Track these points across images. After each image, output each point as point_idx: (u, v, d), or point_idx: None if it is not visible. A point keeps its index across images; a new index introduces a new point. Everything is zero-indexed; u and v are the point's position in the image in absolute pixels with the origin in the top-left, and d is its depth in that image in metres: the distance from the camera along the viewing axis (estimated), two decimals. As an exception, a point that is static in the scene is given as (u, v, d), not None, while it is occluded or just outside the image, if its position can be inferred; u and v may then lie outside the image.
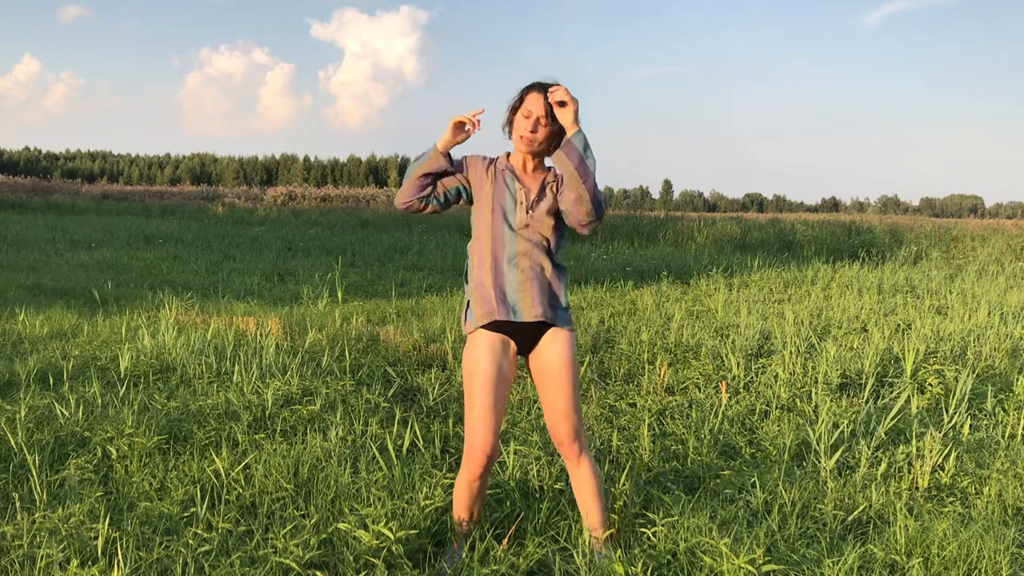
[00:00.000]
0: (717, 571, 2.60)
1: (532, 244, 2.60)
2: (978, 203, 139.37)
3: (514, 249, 2.61)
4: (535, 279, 2.60)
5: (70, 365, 4.98)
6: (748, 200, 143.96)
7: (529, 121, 2.54)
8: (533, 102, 2.54)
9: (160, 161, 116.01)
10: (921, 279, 11.32)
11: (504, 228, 2.61)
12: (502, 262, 2.61)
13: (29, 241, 14.54)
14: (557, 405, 2.62)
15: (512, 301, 2.60)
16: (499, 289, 2.61)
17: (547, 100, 2.51)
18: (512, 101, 2.60)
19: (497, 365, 2.58)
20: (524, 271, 2.60)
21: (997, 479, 3.61)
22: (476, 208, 2.68)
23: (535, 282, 2.60)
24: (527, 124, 2.54)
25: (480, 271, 2.66)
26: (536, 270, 2.61)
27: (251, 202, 34.25)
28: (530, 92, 2.56)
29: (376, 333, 6.19)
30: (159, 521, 2.92)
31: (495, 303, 2.60)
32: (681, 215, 25.94)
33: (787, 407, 4.75)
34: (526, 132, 2.54)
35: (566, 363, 2.61)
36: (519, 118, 2.56)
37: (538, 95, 2.53)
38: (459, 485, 2.69)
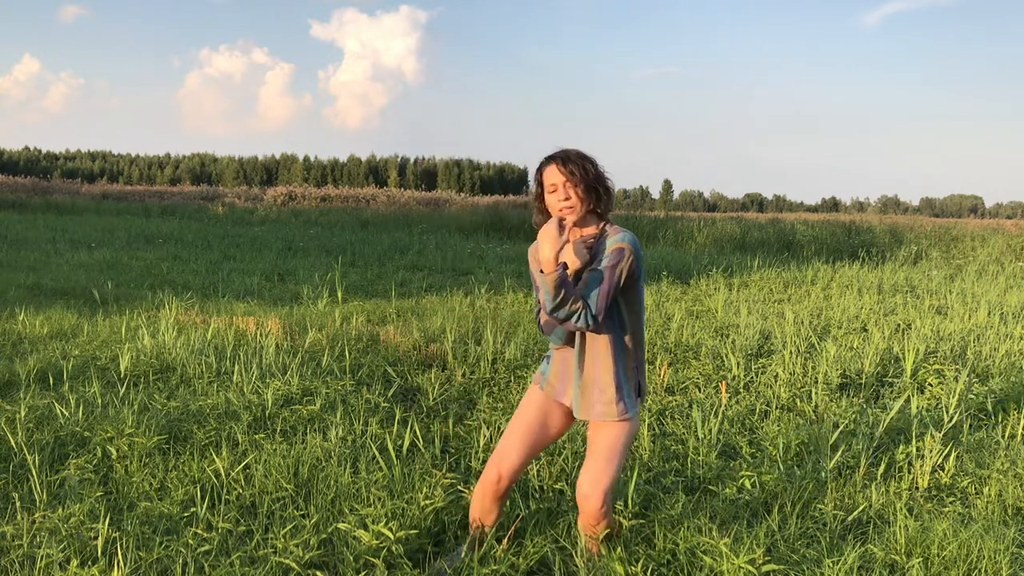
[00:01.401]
0: (717, 571, 2.60)
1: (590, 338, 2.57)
2: (978, 203, 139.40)
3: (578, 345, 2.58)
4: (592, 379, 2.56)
5: (70, 365, 4.98)
6: (748, 200, 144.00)
7: (558, 192, 2.49)
8: (550, 175, 2.50)
9: (160, 161, 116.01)
10: (921, 279, 11.32)
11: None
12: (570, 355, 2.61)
13: (29, 241, 14.54)
14: (587, 479, 2.55)
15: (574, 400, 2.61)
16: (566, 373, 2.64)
17: (558, 166, 2.48)
18: (534, 190, 2.59)
19: (546, 410, 2.67)
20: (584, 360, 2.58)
21: (997, 479, 3.61)
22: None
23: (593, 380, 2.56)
24: (558, 196, 2.49)
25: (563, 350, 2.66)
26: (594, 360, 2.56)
27: (251, 202, 34.26)
28: (543, 169, 2.53)
29: (376, 333, 6.19)
30: (159, 521, 2.92)
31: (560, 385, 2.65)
32: (681, 215, 25.96)
33: (787, 407, 4.75)
34: (563, 203, 2.49)
35: (614, 449, 2.55)
36: (549, 197, 2.52)
37: (550, 167, 2.50)
38: (475, 497, 2.74)
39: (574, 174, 2.47)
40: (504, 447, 2.65)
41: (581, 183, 2.48)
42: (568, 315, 2.42)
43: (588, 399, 2.57)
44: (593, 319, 2.42)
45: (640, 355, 2.62)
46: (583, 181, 2.48)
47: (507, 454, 2.63)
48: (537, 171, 2.58)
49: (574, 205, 2.48)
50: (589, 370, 2.57)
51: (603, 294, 2.43)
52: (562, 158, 2.50)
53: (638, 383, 2.62)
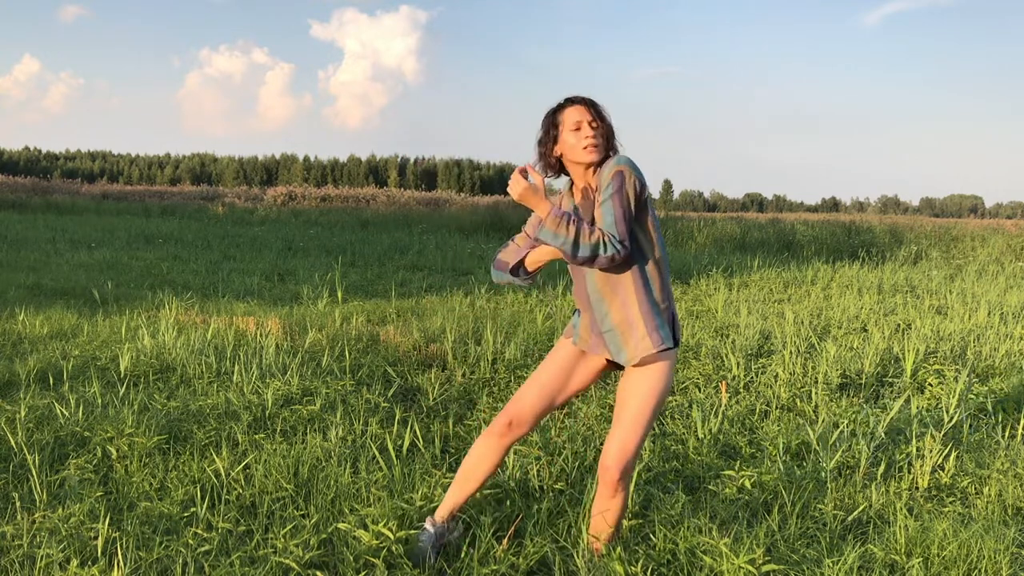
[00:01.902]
0: (717, 571, 2.60)
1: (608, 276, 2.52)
2: (978, 203, 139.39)
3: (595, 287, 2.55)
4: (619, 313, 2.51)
5: (70, 365, 4.98)
6: (748, 200, 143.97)
7: (583, 130, 2.48)
8: (574, 114, 2.50)
9: (160, 161, 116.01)
10: (921, 279, 11.32)
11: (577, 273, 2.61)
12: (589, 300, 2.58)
13: (29, 241, 14.54)
14: (618, 436, 2.49)
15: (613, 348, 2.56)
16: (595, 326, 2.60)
17: (587, 106, 2.50)
18: (543, 134, 2.55)
19: (571, 362, 2.65)
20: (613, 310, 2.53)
21: (997, 479, 3.61)
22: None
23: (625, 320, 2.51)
24: (583, 133, 2.48)
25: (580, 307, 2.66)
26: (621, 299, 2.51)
27: (251, 202, 34.25)
28: (563, 110, 2.53)
29: (376, 333, 6.19)
30: (159, 521, 2.92)
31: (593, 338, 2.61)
32: (681, 215, 25.99)
33: (787, 407, 4.75)
34: (589, 140, 2.47)
35: (647, 396, 2.48)
36: (569, 135, 2.50)
37: (574, 107, 2.51)
38: (472, 448, 2.73)
39: (601, 116, 2.51)
40: (520, 396, 2.63)
41: (601, 126, 2.51)
42: (593, 249, 2.36)
43: (629, 342, 2.50)
44: (620, 244, 2.36)
45: (667, 281, 2.54)
46: (603, 124, 2.52)
47: (522, 402, 2.62)
48: (553, 113, 2.55)
49: (599, 143, 2.49)
50: (618, 312, 2.50)
51: (619, 219, 2.38)
52: (589, 100, 2.53)
53: (672, 315, 2.55)
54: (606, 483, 2.52)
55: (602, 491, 2.57)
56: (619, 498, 2.57)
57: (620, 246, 2.36)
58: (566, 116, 2.51)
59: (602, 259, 2.38)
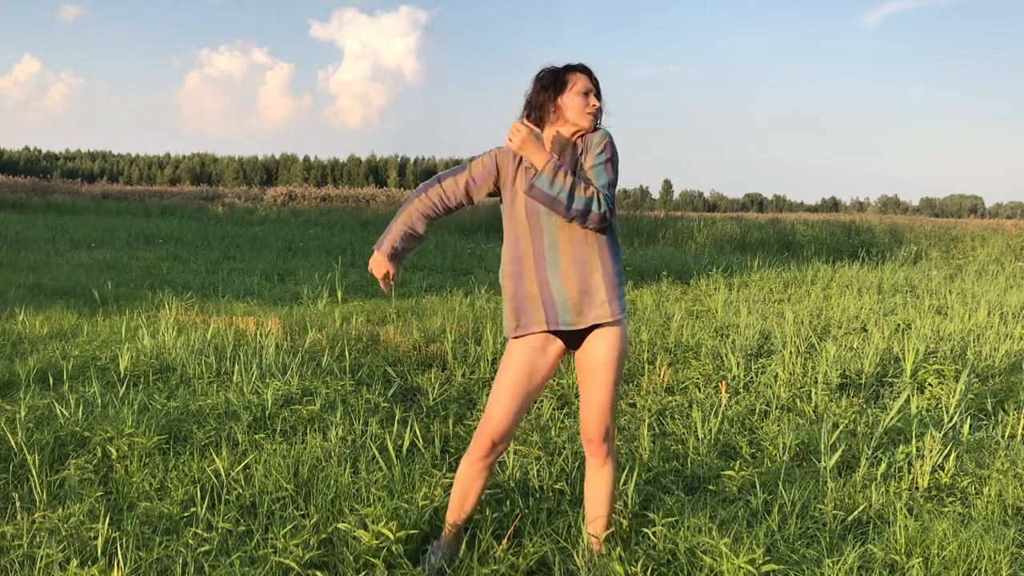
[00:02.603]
0: (717, 571, 2.60)
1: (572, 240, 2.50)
2: (978, 203, 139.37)
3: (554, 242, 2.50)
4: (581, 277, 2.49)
5: (70, 365, 4.98)
6: (748, 200, 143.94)
7: (588, 98, 2.52)
8: (584, 81, 2.53)
9: (160, 161, 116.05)
10: (921, 279, 11.32)
11: (541, 223, 2.51)
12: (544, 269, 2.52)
13: (29, 241, 14.54)
14: (594, 402, 2.57)
15: (562, 312, 2.51)
16: (547, 299, 2.52)
17: (593, 79, 2.55)
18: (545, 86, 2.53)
19: (530, 360, 2.57)
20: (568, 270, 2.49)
21: (997, 479, 3.61)
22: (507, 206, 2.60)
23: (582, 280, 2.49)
24: (591, 101, 2.52)
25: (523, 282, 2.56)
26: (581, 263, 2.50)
27: (251, 202, 34.26)
28: (572, 71, 2.54)
29: (376, 333, 6.19)
30: (159, 521, 2.92)
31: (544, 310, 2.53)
32: (681, 215, 25.95)
33: (787, 407, 4.75)
34: (594, 108, 2.52)
35: (611, 360, 2.53)
36: (575, 97, 2.51)
37: (583, 75, 2.54)
38: (459, 472, 2.67)
39: (599, 94, 2.56)
40: (495, 412, 2.55)
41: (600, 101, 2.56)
42: (587, 203, 2.39)
43: (588, 308, 2.50)
44: (610, 210, 2.41)
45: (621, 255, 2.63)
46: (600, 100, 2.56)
47: (498, 417, 2.55)
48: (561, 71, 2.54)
49: (590, 120, 2.53)
50: (575, 279, 2.49)
51: (612, 183, 2.47)
52: (595, 77, 2.57)
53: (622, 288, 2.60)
54: (593, 452, 2.63)
55: (592, 463, 2.66)
56: (609, 466, 2.66)
57: (611, 207, 2.43)
58: (576, 78, 2.54)
59: (594, 215, 2.40)
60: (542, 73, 2.57)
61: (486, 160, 2.60)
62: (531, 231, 2.53)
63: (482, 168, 2.60)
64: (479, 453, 2.60)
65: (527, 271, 2.54)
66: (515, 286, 2.57)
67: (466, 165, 2.63)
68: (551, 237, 2.50)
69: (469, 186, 2.61)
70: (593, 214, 2.40)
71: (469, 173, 2.61)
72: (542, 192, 2.42)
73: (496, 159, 2.59)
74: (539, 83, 2.56)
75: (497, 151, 2.60)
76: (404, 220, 2.65)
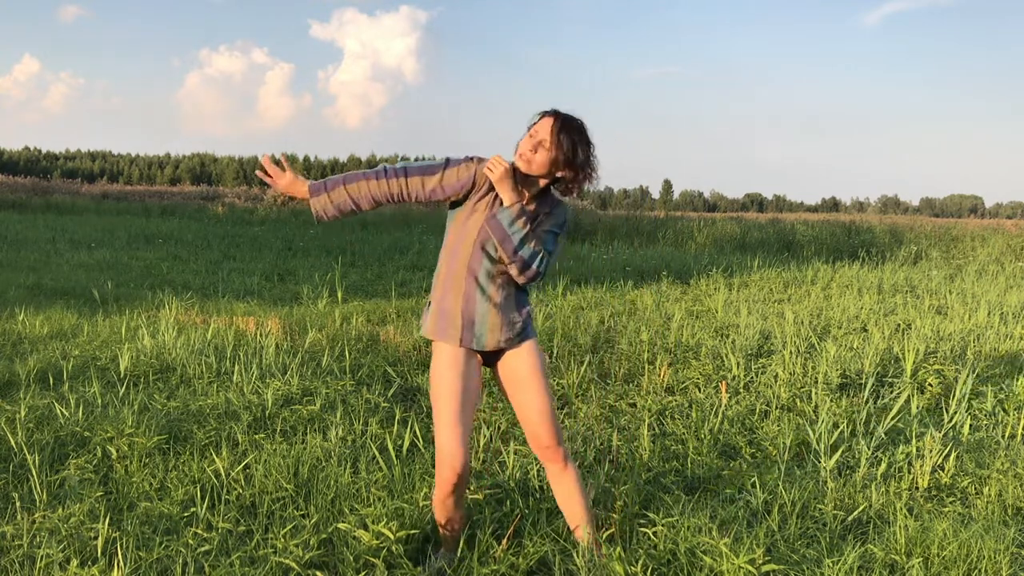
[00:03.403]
0: (717, 571, 2.60)
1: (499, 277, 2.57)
2: (978, 203, 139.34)
3: (489, 276, 2.55)
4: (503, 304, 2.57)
5: (70, 365, 4.98)
6: (748, 200, 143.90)
7: (532, 141, 2.48)
8: (543, 125, 2.48)
9: (160, 161, 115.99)
10: (921, 279, 11.32)
11: (482, 254, 2.53)
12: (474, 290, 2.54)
13: (29, 241, 14.53)
14: (534, 408, 2.61)
15: (479, 331, 2.56)
16: (467, 316, 2.55)
17: (553, 125, 2.46)
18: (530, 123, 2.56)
19: (463, 378, 2.54)
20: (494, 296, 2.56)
21: (997, 479, 3.61)
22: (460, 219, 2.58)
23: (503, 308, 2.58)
24: (528, 143, 2.48)
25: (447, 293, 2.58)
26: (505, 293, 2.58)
27: (251, 202, 34.21)
28: (545, 116, 2.51)
29: (376, 333, 6.19)
30: (159, 521, 2.92)
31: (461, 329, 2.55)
32: (681, 215, 25.96)
33: (787, 407, 4.75)
34: (525, 150, 2.48)
35: (537, 367, 2.62)
36: (525, 136, 2.51)
37: (550, 120, 2.48)
38: (435, 503, 2.65)
39: (560, 145, 2.46)
40: (448, 442, 2.49)
41: (559, 155, 2.47)
42: (532, 255, 2.49)
43: (497, 332, 2.57)
44: (544, 273, 2.54)
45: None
46: (561, 156, 2.47)
47: (450, 446, 2.49)
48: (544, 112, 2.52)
49: (531, 163, 2.48)
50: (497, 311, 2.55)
51: (555, 254, 2.59)
52: (564, 122, 2.46)
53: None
54: (550, 458, 2.64)
55: (552, 470, 2.67)
56: (570, 468, 2.67)
57: (544, 273, 2.54)
58: (540, 121, 2.51)
59: (532, 270, 2.51)
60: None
61: (463, 172, 2.52)
62: (472, 254, 2.54)
63: (456, 179, 2.52)
64: (447, 489, 2.54)
65: (456, 287, 2.56)
66: (442, 296, 2.59)
67: (438, 167, 2.54)
68: (488, 268, 2.54)
69: (435, 192, 2.54)
70: (532, 268, 2.50)
71: (440, 180, 2.52)
72: (500, 226, 2.46)
73: (476, 174, 2.53)
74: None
75: (478, 165, 2.53)
76: (354, 192, 2.56)
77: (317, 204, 2.55)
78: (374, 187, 2.56)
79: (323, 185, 2.57)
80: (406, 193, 2.55)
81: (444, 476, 2.51)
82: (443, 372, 2.55)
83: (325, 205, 2.56)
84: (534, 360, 2.63)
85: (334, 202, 2.56)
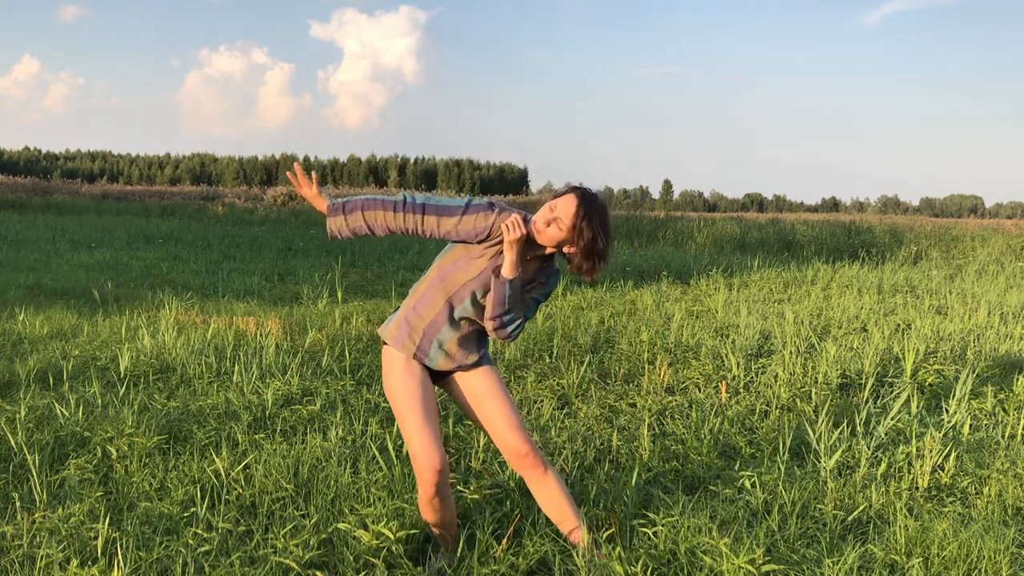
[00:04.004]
0: (717, 571, 2.60)
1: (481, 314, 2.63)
2: (978, 203, 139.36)
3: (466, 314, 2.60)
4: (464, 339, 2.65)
5: (70, 365, 4.98)
6: (748, 200, 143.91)
7: (550, 215, 2.49)
8: (566, 205, 2.47)
9: (160, 161, 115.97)
10: (921, 279, 11.32)
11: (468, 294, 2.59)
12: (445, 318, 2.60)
13: (29, 241, 14.54)
14: (500, 419, 2.64)
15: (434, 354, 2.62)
16: (428, 337, 2.61)
17: (578, 213, 2.45)
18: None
19: (420, 382, 2.62)
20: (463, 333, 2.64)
21: (997, 479, 3.61)
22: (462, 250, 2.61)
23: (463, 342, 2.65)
24: (546, 215, 2.50)
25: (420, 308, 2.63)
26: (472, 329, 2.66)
27: (251, 202, 34.21)
28: (570, 194, 2.50)
29: (376, 333, 6.18)
30: (159, 521, 2.92)
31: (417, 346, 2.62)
32: (681, 215, 25.95)
33: (787, 407, 4.75)
34: (540, 222, 2.50)
35: (495, 380, 2.69)
36: (546, 208, 2.51)
37: (574, 201, 2.47)
38: (421, 506, 2.65)
39: (581, 234, 2.47)
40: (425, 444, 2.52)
41: (577, 243, 2.49)
42: (512, 320, 2.57)
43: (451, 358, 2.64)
44: (514, 338, 2.63)
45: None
46: (582, 244, 2.49)
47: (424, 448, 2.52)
48: (572, 187, 2.52)
49: (541, 235, 2.51)
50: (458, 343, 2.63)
51: (527, 319, 2.65)
52: (588, 210, 2.45)
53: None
54: (529, 465, 2.64)
55: (531, 476, 2.66)
56: (550, 472, 2.67)
57: (517, 337, 2.65)
58: (563, 199, 2.49)
59: (506, 332, 2.59)
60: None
61: (480, 223, 2.51)
62: (460, 291, 2.59)
63: (472, 228, 2.52)
64: (431, 491, 2.56)
65: (430, 308, 2.61)
66: (413, 307, 2.64)
67: (457, 210, 2.53)
68: (467, 309, 2.59)
69: (448, 234, 2.55)
70: (506, 331, 2.59)
71: (456, 224, 2.52)
72: (502, 291, 2.50)
73: (493, 227, 2.51)
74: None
75: (497, 217, 2.51)
76: (370, 219, 2.58)
77: (333, 224, 2.60)
78: (390, 218, 2.56)
79: (341, 207, 2.59)
80: (420, 229, 2.55)
81: (425, 478, 2.53)
82: (399, 378, 2.61)
83: (340, 226, 2.60)
84: (490, 376, 2.69)
85: (350, 225, 2.60)
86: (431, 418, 2.57)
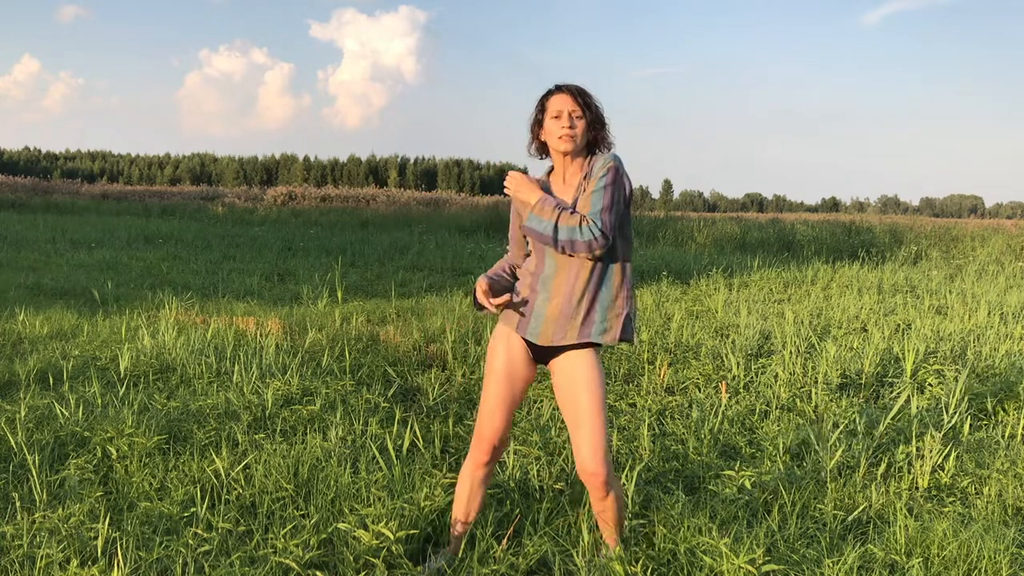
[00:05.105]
0: (717, 571, 2.60)
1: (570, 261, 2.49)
2: (978, 203, 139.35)
3: (552, 268, 2.51)
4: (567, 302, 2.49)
5: (70, 365, 4.98)
6: (748, 200, 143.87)
7: (562, 119, 2.48)
8: (558, 102, 2.50)
9: (160, 161, 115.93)
10: (921, 279, 11.32)
11: (544, 249, 2.53)
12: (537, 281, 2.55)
13: (29, 241, 14.53)
14: (585, 428, 2.48)
15: (534, 325, 2.54)
16: (529, 308, 2.55)
17: (573, 96, 2.49)
18: (533, 117, 2.57)
19: (511, 360, 2.59)
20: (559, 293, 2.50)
21: (997, 479, 3.61)
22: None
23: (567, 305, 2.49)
24: (561, 122, 2.48)
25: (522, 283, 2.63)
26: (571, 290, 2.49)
27: (251, 202, 34.21)
28: (551, 96, 2.53)
29: (376, 333, 6.19)
30: (159, 521, 2.92)
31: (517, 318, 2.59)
32: (681, 215, 25.95)
33: (787, 407, 4.75)
34: (565, 130, 2.47)
35: (587, 380, 2.49)
36: (550, 122, 2.51)
37: (561, 95, 2.50)
38: (462, 476, 2.69)
39: (587, 107, 2.50)
40: (492, 416, 2.59)
41: (587, 116, 2.50)
42: (571, 232, 2.37)
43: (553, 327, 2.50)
44: (601, 232, 2.36)
45: (629, 283, 2.55)
46: (590, 114, 2.51)
47: (490, 421, 2.59)
48: (542, 98, 2.55)
49: (576, 135, 2.49)
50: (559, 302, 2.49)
51: (607, 208, 2.40)
52: (576, 89, 2.51)
53: (628, 315, 2.54)
54: (596, 487, 2.52)
55: (594, 495, 2.57)
56: (612, 495, 2.57)
57: (600, 234, 2.37)
58: (551, 103, 2.52)
59: (579, 244, 2.38)
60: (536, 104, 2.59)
61: (512, 216, 2.70)
62: (537, 255, 2.59)
63: (512, 226, 2.71)
64: (481, 459, 2.63)
65: (526, 281, 2.61)
66: (520, 285, 2.64)
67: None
68: (551, 264, 2.52)
69: (517, 248, 2.72)
70: (578, 242, 2.38)
71: (512, 241, 2.74)
72: (532, 229, 2.48)
73: (511, 208, 2.69)
74: (531, 115, 2.58)
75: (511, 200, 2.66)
76: (500, 265, 2.78)
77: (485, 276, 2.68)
78: (501, 263, 2.81)
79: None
80: (514, 263, 2.78)
81: (481, 447, 2.62)
82: (495, 351, 2.64)
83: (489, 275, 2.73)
84: (592, 381, 2.49)
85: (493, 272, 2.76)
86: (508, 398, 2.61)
